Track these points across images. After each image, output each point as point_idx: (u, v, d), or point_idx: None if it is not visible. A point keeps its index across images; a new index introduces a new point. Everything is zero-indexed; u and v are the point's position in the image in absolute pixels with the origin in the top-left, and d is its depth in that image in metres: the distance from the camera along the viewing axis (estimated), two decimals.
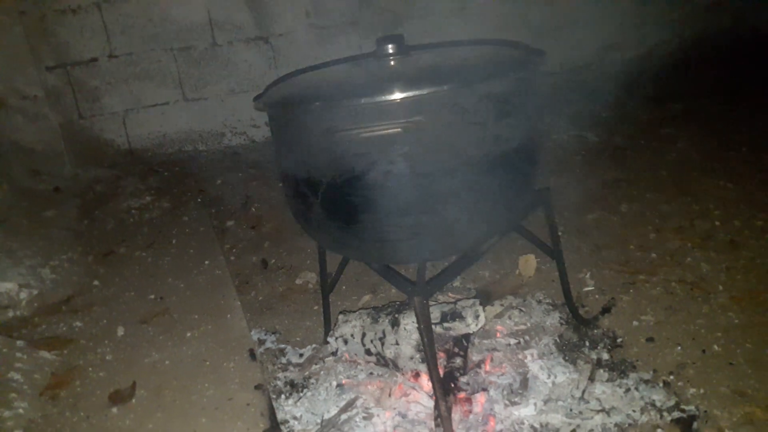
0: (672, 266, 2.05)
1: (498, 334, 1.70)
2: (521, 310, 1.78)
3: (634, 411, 1.44)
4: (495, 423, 1.44)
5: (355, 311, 1.77)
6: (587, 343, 1.70)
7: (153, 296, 2.19)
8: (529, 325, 1.73)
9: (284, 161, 1.39)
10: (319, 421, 1.54)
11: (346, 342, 1.71)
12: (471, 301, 1.67)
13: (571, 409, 1.45)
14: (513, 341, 1.66)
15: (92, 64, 3.32)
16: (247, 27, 3.53)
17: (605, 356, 1.65)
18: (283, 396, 1.65)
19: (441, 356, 1.60)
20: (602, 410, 1.45)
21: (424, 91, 1.13)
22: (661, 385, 1.53)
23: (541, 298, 1.90)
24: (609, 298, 1.93)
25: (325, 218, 1.31)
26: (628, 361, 1.63)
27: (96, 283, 2.33)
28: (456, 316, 1.61)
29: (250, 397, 1.63)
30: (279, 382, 1.72)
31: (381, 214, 1.23)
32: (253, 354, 1.81)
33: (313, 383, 1.67)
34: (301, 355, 1.85)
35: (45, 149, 3.32)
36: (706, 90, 3.81)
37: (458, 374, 1.55)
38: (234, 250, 2.59)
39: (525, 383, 1.52)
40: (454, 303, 1.68)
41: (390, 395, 1.56)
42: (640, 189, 2.66)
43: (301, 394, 1.64)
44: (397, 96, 1.13)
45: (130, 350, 1.89)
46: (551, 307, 1.83)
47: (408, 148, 1.17)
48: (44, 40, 3.20)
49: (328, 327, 1.87)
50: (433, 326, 1.55)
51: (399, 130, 1.16)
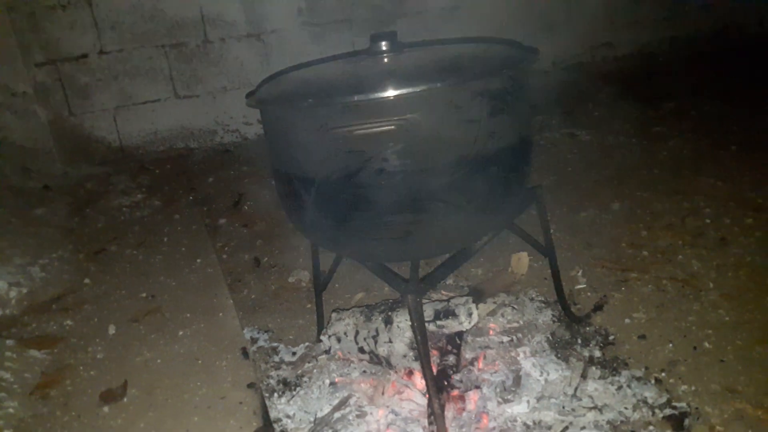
0: (663, 264, 2.06)
1: (491, 332, 1.71)
2: (514, 308, 1.79)
3: (626, 408, 1.45)
4: (488, 420, 1.44)
5: (348, 309, 1.77)
6: (579, 341, 1.71)
7: (144, 294, 2.18)
8: (521, 322, 1.74)
9: (277, 159, 1.39)
10: (312, 419, 1.54)
11: (339, 340, 1.71)
12: (464, 299, 1.67)
13: (563, 407, 1.46)
14: (506, 339, 1.66)
15: (82, 60, 3.30)
16: (240, 24, 3.52)
17: (597, 354, 1.66)
18: (275, 394, 1.65)
19: (434, 354, 1.60)
20: (594, 407, 1.45)
21: (417, 89, 1.13)
22: (653, 382, 1.53)
23: (533, 296, 1.90)
24: (601, 295, 1.93)
25: (318, 216, 1.31)
26: (620, 359, 1.63)
27: (87, 281, 2.31)
28: (449, 313, 1.61)
29: (243, 395, 1.62)
30: (272, 381, 1.71)
31: (374, 212, 1.23)
32: (245, 352, 1.80)
33: (306, 381, 1.67)
34: (294, 353, 1.85)
35: (34, 146, 3.30)
36: (698, 89, 3.83)
37: (451, 372, 1.55)
38: (226, 249, 2.58)
39: (518, 381, 1.53)
40: (447, 301, 1.68)
41: (383, 393, 1.56)
42: (632, 187, 2.67)
43: (294, 393, 1.64)
44: (390, 93, 1.12)
45: (121, 349, 1.88)
46: (544, 305, 1.83)
47: (401, 145, 1.17)
48: (33, 36, 3.17)
49: (321, 325, 1.86)
50: (426, 324, 1.54)
51: (392, 127, 1.16)
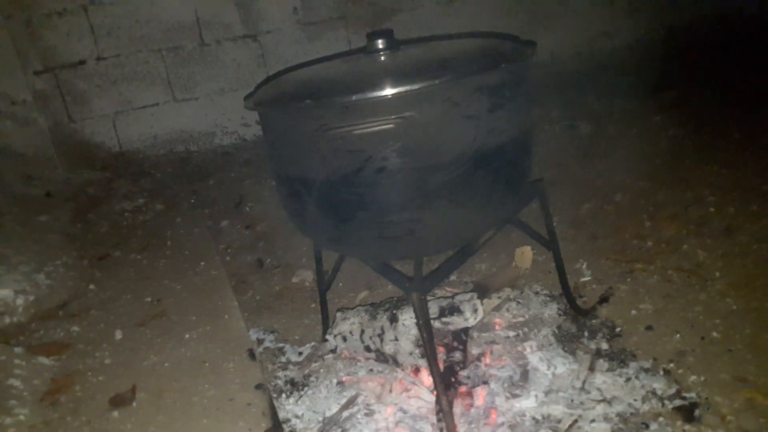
0: (668, 254, 2.05)
1: (497, 327, 1.71)
2: (519, 303, 1.78)
3: (635, 400, 1.44)
4: (497, 416, 1.44)
5: (352, 308, 1.77)
6: (586, 334, 1.70)
7: (150, 299, 2.18)
8: (527, 316, 1.74)
9: (277, 160, 1.38)
10: (320, 419, 1.54)
11: (345, 339, 1.71)
12: (469, 295, 1.67)
13: (572, 400, 1.46)
14: (512, 333, 1.66)
15: (80, 66, 3.29)
16: (235, 25, 3.51)
17: (604, 346, 1.65)
18: (283, 395, 1.65)
19: (440, 351, 1.60)
20: (603, 400, 1.45)
21: (415, 86, 1.13)
22: (662, 373, 1.53)
23: (538, 290, 1.90)
24: (606, 287, 1.93)
25: (320, 216, 1.31)
26: (627, 351, 1.63)
27: (92, 287, 2.31)
28: (454, 310, 1.61)
29: (251, 396, 1.62)
30: (279, 381, 1.71)
31: (376, 211, 1.22)
32: (252, 354, 1.80)
33: (313, 381, 1.67)
34: (301, 353, 1.85)
35: (36, 154, 3.29)
36: (698, 77, 3.81)
37: (458, 368, 1.55)
38: (229, 251, 2.58)
39: (525, 375, 1.52)
40: (452, 297, 1.68)
41: (391, 391, 1.56)
42: (634, 178, 2.66)
43: (302, 393, 1.64)
44: (388, 91, 1.12)
45: (128, 353, 1.88)
46: (549, 299, 1.83)
47: (401, 143, 1.16)
48: (31, 44, 3.17)
49: (326, 325, 1.87)
50: (432, 321, 1.54)
51: (391, 126, 1.15)
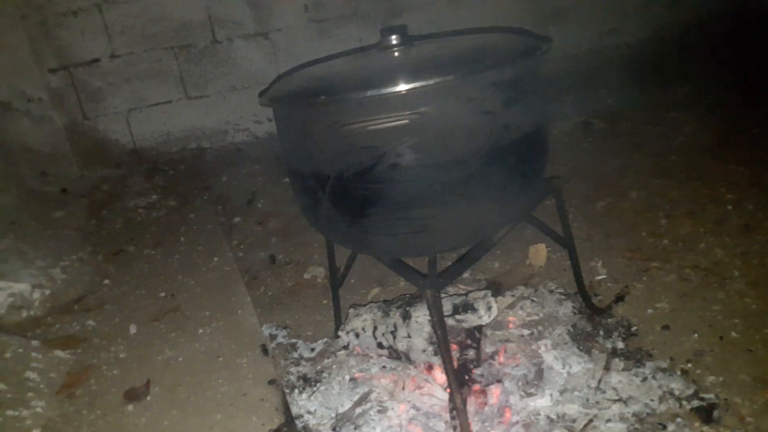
0: (685, 252, 2.03)
1: (511, 325, 1.70)
2: (533, 301, 1.77)
3: (652, 400, 1.42)
4: (511, 414, 1.43)
5: (365, 305, 1.77)
6: (601, 333, 1.68)
7: (164, 294, 2.19)
8: (541, 315, 1.72)
9: (291, 157, 1.38)
10: (333, 415, 1.54)
11: (357, 336, 1.70)
12: (482, 293, 1.66)
13: (587, 399, 1.44)
14: (526, 332, 1.65)
15: (94, 64, 3.32)
16: (247, 23, 3.52)
17: (620, 345, 1.63)
18: (296, 390, 1.65)
19: (454, 348, 1.59)
20: (619, 400, 1.43)
21: (430, 82, 1.12)
22: (679, 373, 1.51)
23: (553, 288, 1.88)
24: (622, 286, 1.91)
25: (334, 213, 1.30)
26: (643, 350, 1.61)
27: (107, 282, 2.33)
28: (468, 308, 1.60)
29: (264, 392, 1.63)
30: (292, 377, 1.71)
31: (390, 208, 1.22)
32: (265, 349, 1.80)
33: (326, 377, 1.67)
34: (313, 349, 1.85)
35: (51, 151, 3.33)
36: (713, 72, 3.76)
37: (472, 366, 1.54)
38: (242, 246, 2.59)
39: (540, 374, 1.51)
40: (465, 295, 1.67)
41: (404, 388, 1.56)
42: (649, 175, 2.63)
43: (315, 389, 1.64)
44: (402, 87, 1.11)
45: (143, 348, 1.90)
46: (564, 297, 1.82)
47: (415, 139, 1.15)
48: (46, 43, 3.20)
49: (339, 321, 1.86)
50: (445, 318, 1.54)
51: (406, 121, 1.15)
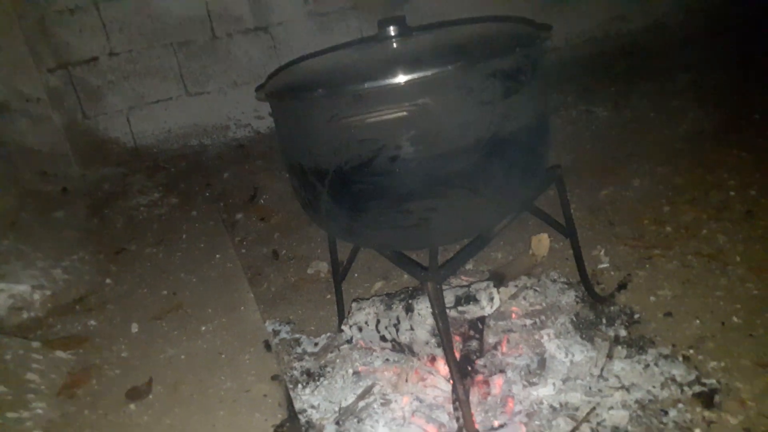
0: (687, 239, 2.02)
1: (513, 316, 1.69)
2: (536, 290, 1.77)
3: (654, 387, 1.42)
4: (514, 404, 1.43)
5: (368, 298, 1.76)
6: (604, 321, 1.68)
7: (166, 292, 2.19)
8: (544, 304, 1.72)
9: (289, 151, 1.37)
10: (336, 409, 1.54)
11: (360, 329, 1.70)
12: (485, 284, 1.65)
13: (590, 388, 1.44)
14: (529, 322, 1.64)
15: (93, 63, 3.31)
16: (246, 18, 3.50)
17: (623, 333, 1.63)
18: (300, 385, 1.65)
19: (457, 340, 1.59)
20: (622, 387, 1.43)
21: (428, 73, 1.11)
22: (681, 359, 1.51)
23: (555, 277, 1.88)
24: (625, 274, 1.90)
25: (334, 207, 1.30)
26: (646, 337, 1.60)
27: (108, 281, 2.33)
28: (470, 299, 1.60)
29: (267, 388, 1.63)
30: (295, 372, 1.71)
31: (390, 200, 1.21)
32: (268, 345, 1.80)
33: (329, 372, 1.67)
34: (316, 344, 1.85)
35: (51, 151, 3.32)
36: (715, 59, 3.73)
37: (475, 357, 1.54)
38: (244, 243, 2.59)
39: (543, 363, 1.51)
40: (468, 286, 1.66)
41: (407, 381, 1.56)
42: (652, 162, 2.62)
43: (318, 383, 1.64)
44: (401, 79, 1.10)
45: (145, 347, 1.89)
46: (566, 286, 1.81)
47: (414, 131, 1.15)
48: (44, 42, 3.18)
49: (342, 315, 1.86)
50: (448, 310, 1.53)
51: (404, 113, 1.14)
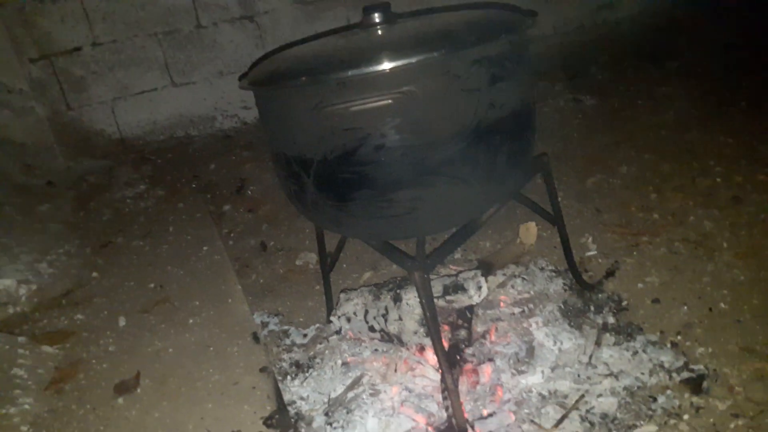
0: (675, 226, 2.03)
1: (502, 304, 1.69)
2: (524, 279, 1.76)
3: (642, 374, 1.43)
4: (502, 392, 1.43)
5: (356, 289, 1.76)
6: (592, 308, 1.68)
7: (153, 285, 2.17)
8: (532, 293, 1.72)
9: (274, 141, 1.36)
10: (326, 400, 1.53)
11: (349, 320, 1.70)
12: (473, 273, 1.65)
13: (578, 375, 1.44)
14: (517, 310, 1.64)
15: (76, 53, 3.26)
16: (232, 6, 3.46)
17: (611, 320, 1.63)
18: (288, 377, 1.64)
19: (445, 329, 1.59)
20: (610, 374, 1.44)
21: (413, 59, 1.09)
22: (669, 346, 1.51)
23: (543, 265, 1.88)
24: (612, 261, 1.90)
25: (319, 197, 1.28)
26: (634, 324, 1.61)
27: (95, 274, 2.31)
28: (458, 288, 1.59)
29: (256, 380, 1.62)
30: (284, 364, 1.71)
31: (376, 190, 1.20)
32: (256, 337, 1.79)
33: (318, 363, 1.66)
34: (305, 335, 1.84)
35: (35, 143, 3.27)
36: (702, 47, 3.74)
37: (463, 346, 1.54)
38: (232, 235, 2.57)
39: (531, 351, 1.51)
40: (456, 275, 1.66)
41: (396, 371, 1.55)
42: (639, 150, 2.62)
43: (307, 375, 1.63)
44: (385, 66, 1.09)
45: (132, 340, 1.88)
46: (554, 274, 1.81)
47: (399, 119, 1.13)
48: (25, 32, 3.13)
49: (331, 306, 1.85)
50: (436, 300, 1.53)
51: (389, 101, 1.12)
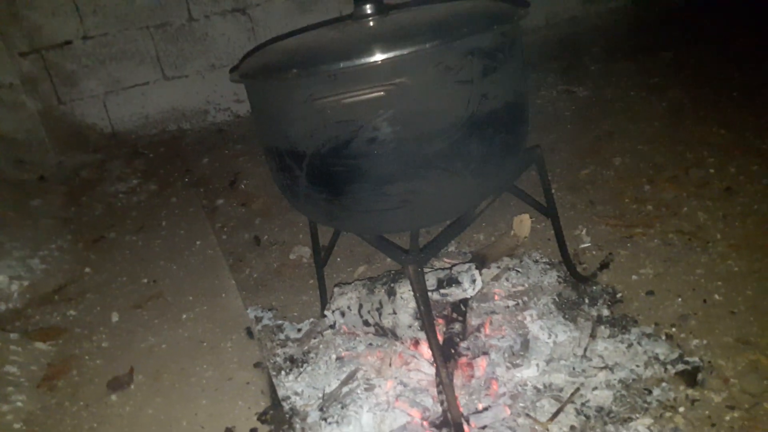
0: (668, 217, 2.02)
1: (496, 297, 1.69)
2: (518, 271, 1.76)
3: (637, 366, 1.43)
4: (497, 386, 1.43)
5: (350, 283, 1.75)
6: (587, 301, 1.68)
7: (146, 280, 2.16)
8: (527, 285, 1.71)
9: (266, 134, 1.35)
10: (320, 395, 1.53)
11: (343, 314, 1.69)
12: (467, 266, 1.64)
13: (573, 368, 1.44)
14: (511, 303, 1.64)
15: (67, 47, 3.22)
16: None
17: (606, 312, 1.63)
18: (283, 372, 1.64)
19: (439, 322, 1.58)
20: (605, 367, 1.44)
21: (405, 51, 1.08)
22: (664, 338, 1.51)
23: (537, 258, 1.87)
24: (606, 253, 1.90)
25: (312, 191, 1.27)
26: (629, 316, 1.61)
27: (87, 270, 2.29)
28: (452, 281, 1.59)
29: (250, 375, 1.61)
30: (278, 359, 1.70)
31: (369, 183, 1.19)
32: (250, 332, 1.79)
33: (312, 357, 1.65)
34: (299, 330, 1.83)
35: (27, 138, 3.25)
36: (695, 37, 3.73)
37: (458, 339, 1.53)
38: (225, 229, 2.56)
39: (526, 344, 1.51)
40: (450, 268, 1.65)
41: (390, 365, 1.55)
42: (633, 141, 2.61)
43: (301, 369, 1.62)
44: (377, 58, 1.08)
45: (125, 336, 1.87)
46: (548, 266, 1.81)
47: (392, 112, 1.12)
48: (15, 25, 3.09)
49: (325, 300, 1.85)
50: (430, 293, 1.52)
51: (381, 93, 1.11)
